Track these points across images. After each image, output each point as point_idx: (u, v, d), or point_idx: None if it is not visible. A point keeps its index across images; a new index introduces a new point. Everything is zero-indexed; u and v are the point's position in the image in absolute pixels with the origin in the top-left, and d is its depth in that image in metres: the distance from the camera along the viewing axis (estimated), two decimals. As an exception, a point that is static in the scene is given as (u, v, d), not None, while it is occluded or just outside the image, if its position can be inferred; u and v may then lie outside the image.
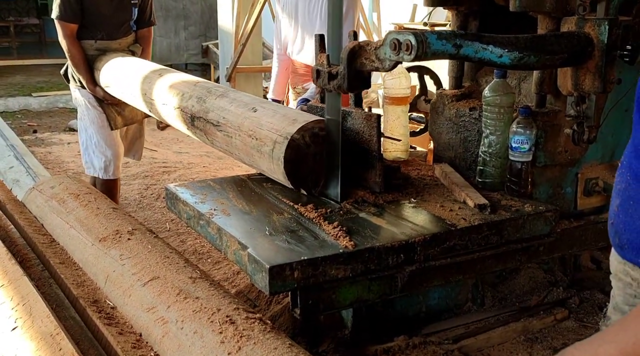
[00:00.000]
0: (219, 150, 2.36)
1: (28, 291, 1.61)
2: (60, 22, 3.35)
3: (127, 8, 3.47)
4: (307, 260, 1.59)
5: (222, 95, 2.37)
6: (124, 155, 3.80)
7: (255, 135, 2.05)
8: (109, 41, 3.48)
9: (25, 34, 16.62)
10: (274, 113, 2.08)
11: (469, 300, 2.19)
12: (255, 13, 7.13)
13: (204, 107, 2.38)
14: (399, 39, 1.68)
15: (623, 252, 1.10)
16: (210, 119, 2.31)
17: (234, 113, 2.20)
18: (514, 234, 1.91)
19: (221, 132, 2.24)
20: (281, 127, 1.98)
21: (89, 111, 3.50)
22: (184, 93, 2.57)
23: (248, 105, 2.21)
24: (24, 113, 8.43)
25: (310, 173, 2.00)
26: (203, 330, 1.42)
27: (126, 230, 1.97)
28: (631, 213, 1.06)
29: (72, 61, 3.44)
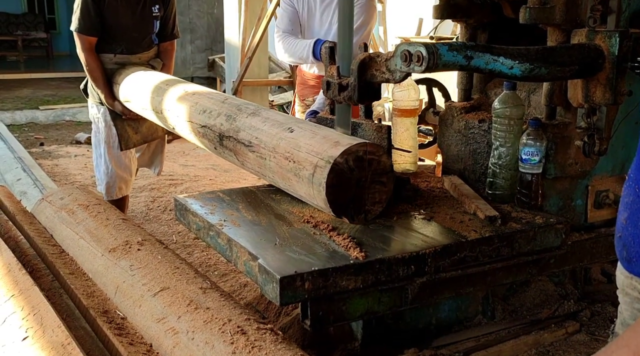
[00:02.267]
0: (251, 172, 2.22)
1: (39, 301, 1.61)
2: (79, 35, 3.28)
3: (149, 20, 3.39)
4: (318, 271, 1.58)
5: (253, 113, 2.22)
6: (147, 167, 3.77)
7: (292, 157, 1.90)
8: (129, 55, 3.40)
9: (32, 47, 16.77)
10: (313, 135, 1.92)
11: (479, 312, 2.18)
12: (262, 27, 7.18)
13: (233, 126, 2.23)
14: (410, 51, 1.69)
15: (630, 266, 1.10)
16: (241, 139, 2.16)
17: (268, 133, 2.05)
18: (524, 246, 1.90)
19: (253, 153, 2.08)
20: (322, 149, 1.83)
21: (102, 129, 3.43)
22: (212, 110, 2.43)
23: (283, 124, 2.05)
24: (31, 126, 8.48)
25: (352, 200, 1.84)
26: (214, 340, 1.41)
27: (136, 240, 1.97)
28: (633, 224, 1.07)
29: (91, 75, 3.35)
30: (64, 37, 17.59)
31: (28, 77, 12.95)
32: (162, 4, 3.42)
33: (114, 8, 3.25)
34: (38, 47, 17.03)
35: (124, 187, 3.55)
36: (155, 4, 3.38)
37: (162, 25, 3.46)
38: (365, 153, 1.81)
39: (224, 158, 2.37)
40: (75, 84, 11.84)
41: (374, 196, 1.87)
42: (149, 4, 3.36)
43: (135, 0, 3.32)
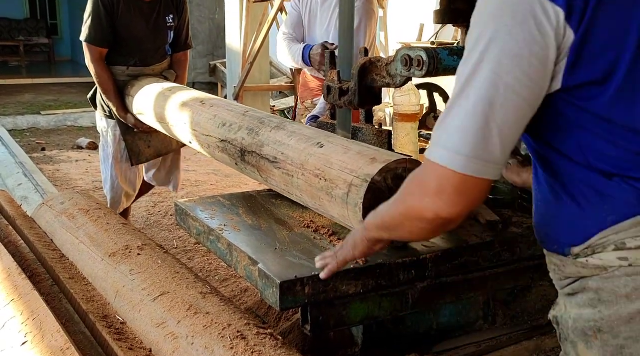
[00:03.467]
0: (275, 189, 2.11)
1: (38, 306, 1.60)
2: (89, 46, 3.13)
3: (163, 31, 3.27)
4: (318, 276, 1.58)
5: (277, 126, 2.10)
6: (165, 185, 3.69)
7: (323, 175, 1.77)
8: (143, 68, 3.28)
9: (34, 53, 16.84)
10: (346, 150, 1.80)
11: (480, 318, 2.17)
12: (263, 32, 7.20)
13: (256, 141, 2.11)
14: (410, 55, 1.69)
15: (543, 244, 1.27)
16: (266, 155, 2.04)
17: (295, 149, 1.93)
18: (526, 251, 1.89)
19: (279, 169, 1.97)
20: (357, 167, 1.69)
21: (111, 144, 3.34)
22: (232, 123, 2.30)
23: (311, 139, 1.93)
24: (32, 131, 8.50)
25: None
26: (214, 345, 1.41)
27: (136, 245, 1.97)
28: (537, 212, 1.26)
29: (102, 87, 3.21)
30: (66, 43, 17.66)
31: (30, 82, 12.98)
32: (176, 13, 3.31)
33: (127, 19, 3.14)
34: (40, 53, 17.10)
35: (126, 201, 3.49)
36: (169, 14, 3.27)
37: (176, 36, 3.35)
38: (404, 170, 1.65)
39: (246, 175, 2.26)
40: (78, 89, 11.88)
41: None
42: (163, 14, 3.25)
43: (149, 11, 3.20)
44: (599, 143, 1.10)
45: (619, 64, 1.05)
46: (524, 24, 1.02)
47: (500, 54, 1.03)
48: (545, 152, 1.19)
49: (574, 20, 1.03)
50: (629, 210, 1.09)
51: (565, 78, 1.07)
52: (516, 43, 1.03)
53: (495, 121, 1.05)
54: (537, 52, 1.03)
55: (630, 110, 1.07)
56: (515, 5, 1.03)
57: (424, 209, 1.12)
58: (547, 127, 1.15)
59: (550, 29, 1.03)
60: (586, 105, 1.08)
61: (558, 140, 1.14)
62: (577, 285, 1.17)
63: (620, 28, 1.05)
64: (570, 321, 1.18)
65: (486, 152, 1.06)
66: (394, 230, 1.26)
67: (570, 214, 1.16)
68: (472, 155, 1.05)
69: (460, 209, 1.11)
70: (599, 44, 1.05)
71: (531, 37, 1.02)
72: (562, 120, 1.12)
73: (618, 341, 1.10)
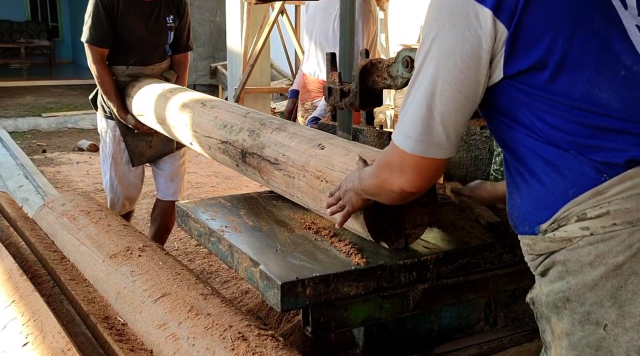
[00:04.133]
0: (277, 191, 2.13)
1: (39, 307, 1.60)
2: (90, 47, 3.13)
3: (163, 31, 3.26)
4: (319, 277, 1.58)
5: (278, 128, 2.11)
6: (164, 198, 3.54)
7: (324, 176, 1.80)
8: (142, 67, 3.27)
9: (35, 55, 16.85)
10: (347, 152, 1.82)
11: (481, 319, 2.17)
12: (264, 34, 7.20)
13: (257, 142, 2.13)
14: (412, 56, 1.69)
15: (517, 229, 1.34)
16: (267, 156, 2.06)
17: (296, 150, 1.94)
18: (527, 252, 1.89)
19: (280, 171, 1.99)
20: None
21: (110, 145, 3.32)
22: (233, 125, 2.30)
23: (312, 140, 1.95)
24: (33, 133, 8.51)
25: (392, 223, 1.71)
26: (215, 346, 1.41)
27: (137, 246, 1.97)
28: (513, 196, 1.33)
29: (102, 87, 3.22)
30: (67, 45, 17.67)
31: (31, 84, 13.00)
32: (177, 14, 3.31)
33: (127, 18, 3.14)
34: (41, 55, 17.11)
35: (128, 204, 3.46)
36: (169, 14, 3.27)
37: (177, 37, 3.34)
38: None
39: (247, 176, 2.26)
40: (78, 91, 11.90)
41: (415, 219, 1.74)
42: (163, 15, 3.25)
43: (149, 10, 3.20)
44: (550, 119, 1.20)
45: (554, 49, 1.16)
46: (457, 25, 1.17)
47: (439, 52, 1.19)
48: (507, 135, 1.29)
49: (503, 17, 1.16)
50: (587, 182, 1.17)
51: (505, 68, 1.19)
52: (450, 42, 1.18)
53: (437, 110, 1.20)
54: (468, 50, 1.17)
55: (570, 89, 1.16)
56: (451, 8, 1.18)
57: (392, 184, 1.33)
58: (503, 110, 1.26)
59: (480, 28, 1.16)
60: (529, 88, 1.19)
61: (514, 120, 1.25)
62: (547, 261, 1.24)
63: (552, 17, 1.16)
64: (543, 297, 1.27)
65: (431, 136, 1.22)
66: (374, 196, 1.48)
67: (536, 193, 1.24)
68: (419, 139, 1.22)
69: (420, 183, 1.30)
70: (533, 35, 1.16)
71: (462, 37, 1.17)
72: (513, 102, 1.23)
73: (584, 308, 1.17)
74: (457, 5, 1.18)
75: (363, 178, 1.50)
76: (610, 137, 1.15)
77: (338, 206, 1.65)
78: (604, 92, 1.16)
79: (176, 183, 3.50)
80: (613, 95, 1.15)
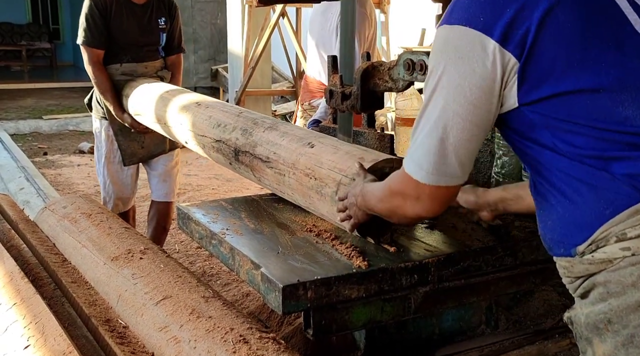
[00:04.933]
0: (268, 188, 2.17)
1: (40, 309, 1.60)
2: (86, 48, 3.23)
3: (155, 32, 3.36)
4: (321, 280, 1.58)
5: (270, 127, 2.16)
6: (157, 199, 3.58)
7: (313, 174, 1.84)
8: (136, 64, 3.34)
9: (36, 57, 16.88)
10: (335, 150, 1.87)
11: (482, 322, 2.16)
12: (265, 37, 7.21)
13: (250, 141, 2.17)
14: (413, 59, 1.69)
15: (551, 251, 1.33)
16: (258, 154, 2.10)
17: (287, 149, 1.99)
18: (528, 255, 1.89)
19: (271, 169, 2.03)
20: (346, 166, 1.76)
21: (104, 145, 3.40)
22: (226, 124, 2.35)
23: (303, 139, 1.99)
24: (34, 135, 8.51)
25: (378, 219, 1.71)
26: (216, 349, 1.41)
27: (138, 249, 1.97)
28: (544, 218, 1.31)
29: (99, 88, 3.28)
30: (68, 48, 17.68)
31: (32, 86, 13.01)
32: (168, 17, 3.41)
33: (120, 19, 3.23)
34: (42, 57, 17.13)
35: (121, 204, 3.49)
36: (161, 16, 3.37)
37: (169, 39, 3.44)
38: (392, 169, 1.70)
39: (240, 174, 2.31)
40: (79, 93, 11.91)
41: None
42: (155, 16, 3.35)
43: (141, 13, 3.30)
44: (575, 139, 1.18)
45: (571, 76, 1.14)
46: (464, 58, 1.17)
47: (447, 85, 1.19)
48: (533, 157, 1.27)
49: (511, 48, 1.15)
50: (624, 200, 1.14)
51: (519, 97, 1.19)
52: (458, 75, 1.17)
53: (449, 141, 1.20)
54: (477, 82, 1.17)
55: (592, 110, 1.15)
56: (457, 41, 1.18)
57: (406, 210, 1.35)
58: (523, 133, 1.25)
59: (488, 60, 1.16)
60: (548, 112, 1.18)
61: (537, 143, 1.23)
62: (587, 284, 1.21)
63: (566, 45, 1.15)
64: (583, 318, 1.22)
65: (444, 167, 1.22)
66: (384, 217, 1.52)
67: (570, 215, 1.21)
68: (432, 171, 1.23)
69: (436, 209, 1.32)
70: (546, 64, 1.15)
71: (471, 69, 1.17)
72: (533, 125, 1.22)
73: (628, 330, 1.13)
74: (463, 38, 1.17)
75: (369, 199, 1.52)
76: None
77: (345, 215, 1.69)
78: (628, 110, 1.14)
79: (169, 185, 3.56)
80: (638, 111, 1.14)
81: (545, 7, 1.15)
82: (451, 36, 1.19)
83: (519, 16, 1.15)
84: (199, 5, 12.08)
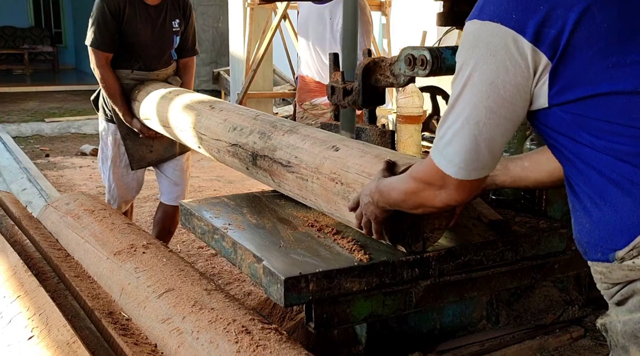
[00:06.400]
0: (288, 194, 2.08)
1: (44, 301, 1.61)
2: (95, 51, 3.09)
3: (169, 36, 3.24)
4: (322, 272, 1.59)
5: (290, 130, 2.07)
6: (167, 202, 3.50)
7: (340, 178, 1.76)
8: (147, 72, 3.24)
9: (39, 61, 16.92)
10: (363, 153, 1.78)
11: (483, 318, 2.17)
12: (267, 40, 7.23)
13: (269, 144, 2.09)
14: (414, 54, 1.71)
15: (587, 256, 1.28)
16: (278, 158, 2.02)
17: (310, 152, 1.91)
18: (529, 250, 1.90)
19: (292, 173, 1.95)
20: (374, 170, 1.67)
21: (110, 148, 3.31)
22: (242, 127, 2.27)
23: (326, 142, 1.91)
24: (36, 138, 8.53)
25: (410, 227, 1.66)
26: (219, 339, 1.42)
27: (141, 244, 1.98)
28: (581, 220, 1.26)
29: (108, 91, 3.17)
30: (70, 51, 17.74)
31: (34, 90, 13.04)
32: (182, 18, 3.29)
33: (133, 23, 3.11)
34: (44, 61, 17.18)
35: (124, 206, 3.46)
36: (175, 18, 3.25)
37: (182, 41, 3.32)
38: None
39: (257, 180, 2.24)
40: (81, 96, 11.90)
41: (433, 222, 1.68)
42: (169, 19, 3.23)
43: (156, 15, 3.17)
44: (614, 139, 1.14)
45: (606, 78, 1.12)
46: (496, 55, 1.15)
47: (479, 82, 1.17)
48: (570, 156, 1.23)
49: (544, 48, 1.13)
50: None
51: (550, 98, 1.17)
52: (490, 72, 1.16)
53: (482, 136, 1.20)
54: (510, 79, 1.15)
55: (631, 110, 1.12)
56: (489, 38, 1.16)
57: (434, 200, 1.34)
58: (559, 130, 1.22)
59: (520, 58, 1.14)
60: (583, 112, 1.16)
61: (574, 140, 1.20)
62: (626, 290, 1.17)
63: (601, 46, 1.12)
64: (619, 326, 1.18)
65: (477, 161, 1.22)
66: (409, 209, 1.49)
67: (609, 218, 1.17)
68: (464, 166, 1.22)
69: (465, 198, 1.31)
70: (580, 66, 1.13)
71: (503, 67, 1.15)
72: (567, 124, 1.19)
73: None
74: (495, 35, 1.15)
75: (388, 193, 1.48)
76: None
77: (365, 219, 1.62)
78: None
79: (180, 188, 3.47)
80: None
81: (582, 7, 1.11)
82: (482, 32, 1.16)
83: (552, 15, 1.12)
84: (200, 8, 12.13)
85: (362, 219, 1.61)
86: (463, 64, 1.20)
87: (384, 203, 1.50)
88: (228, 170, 6.60)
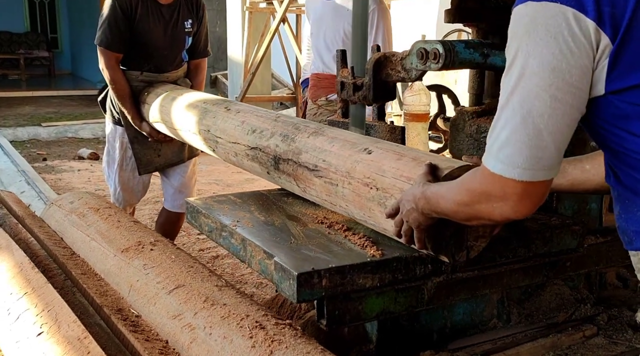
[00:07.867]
0: (315, 200, 1.97)
1: (52, 298, 1.59)
2: (104, 51, 3.00)
3: (181, 37, 3.15)
4: (335, 268, 1.57)
5: (315, 132, 1.96)
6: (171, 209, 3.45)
7: (374, 183, 1.65)
8: (157, 74, 3.15)
9: (35, 66, 16.87)
10: (399, 156, 1.68)
11: (494, 316, 2.15)
12: (265, 43, 7.23)
13: (292, 147, 1.98)
14: (426, 48, 1.69)
15: (631, 245, 1.23)
16: (304, 162, 1.90)
17: (339, 156, 1.80)
18: (541, 247, 1.88)
19: (320, 178, 1.84)
20: (414, 173, 1.57)
21: (117, 151, 3.24)
22: (263, 130, 2.15)
23: (357, 145, 1.80)
24: (33, 142, 8.49)
25: (453, 235, 1.56)
26: (232, 335, 1.40)
27: (148, 241, 1.96)
28: (629, 209, 1.20)
29: (117, 93, 3.07)
30: (66, 56, 17.69)
31: (30, 94, 13.01)
32: (195, 19, 3.21)
33: (145, 24, 3.02)
34: (40, 66, 17.12)
35: (128, 209, 3.41)
36: (188, 18, 3.17)
37: (194, 42, 3.24)
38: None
39: (279, 185, 2.14)
40: (78, 101, 11.86)
41: (477, 229, 1.59)
42: (182, 19, 3.15)
43: (168, 15, 3.09)
44: None
45: None
46: (557, 37, 1.05)
47: (540, 68, 1.07)
48: (619, 145, 1.17)
49: (607, 30, 1.05)
50: None
51: (607, 84, 1.09)
52: (553, 56, 1.06)
53: (548, 130, 1.09)
54: (576, 62, 1.06)
55: None
56: (547, 19, 1.06)
57: (492, 213, 1.22)
58: (612, 121, 1.15)
59: (584, 38, 1.05)
60: (637, 101, 1.10)
61: (627, 131, 1.14)
62: None
63: None
64: None
65: (542, 159, 1.11)
66: (462, 221, 1.38)
67: None
68: (527, 166, 1.11)
69: (530, 208, 1.18)
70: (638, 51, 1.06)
71: (568, 49, 1.05)
72: (623, 115, 1.13)
73: None
74: (554, 16, 1.05)
75: (437, 202, 1.37)
76: None
77: (405, 229, 1.51)
78: None
79: (185, 196, 3.36)
80: None
81: None
82: (539, 13, 1.07)
83: None
84: (198, 13, 12.13)
85: (403, 226, 1.50)
86: (517, 52, 1.10)
87: (429, 210, 1.39)
88: (226, 173, 6.56)
